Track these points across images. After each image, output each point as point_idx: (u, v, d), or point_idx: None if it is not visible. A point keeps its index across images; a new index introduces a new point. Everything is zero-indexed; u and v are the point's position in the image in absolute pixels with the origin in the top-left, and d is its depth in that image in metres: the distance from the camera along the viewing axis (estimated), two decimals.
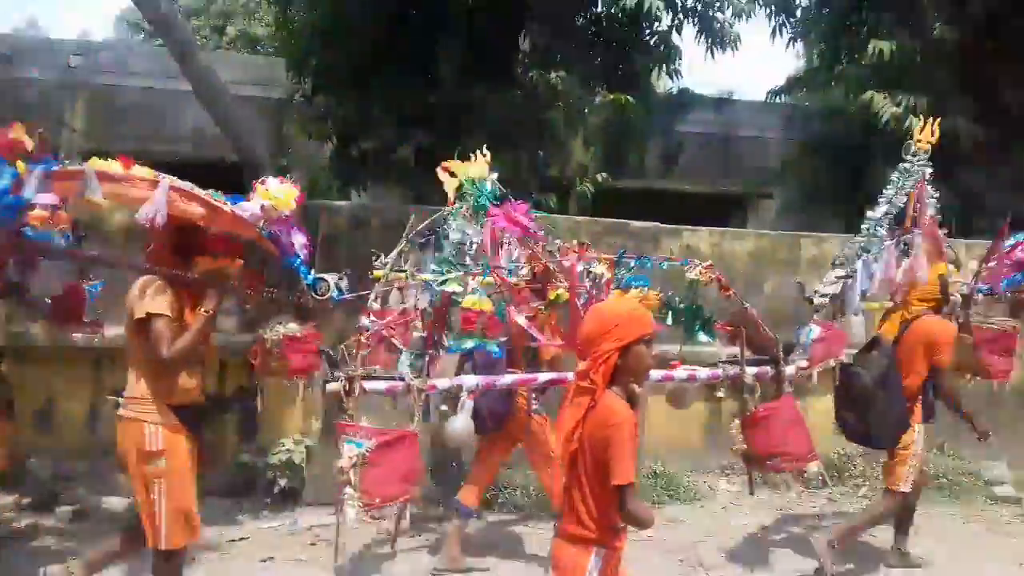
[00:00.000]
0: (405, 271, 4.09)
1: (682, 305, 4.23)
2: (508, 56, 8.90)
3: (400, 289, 4.08)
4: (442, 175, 4.17)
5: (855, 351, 4.58)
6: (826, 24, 11.49)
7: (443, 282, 3.91)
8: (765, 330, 4.34)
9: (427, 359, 4.04)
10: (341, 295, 3.78)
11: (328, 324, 4.55)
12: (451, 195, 4.16)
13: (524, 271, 4.27)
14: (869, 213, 4.56)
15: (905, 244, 4.47)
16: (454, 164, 4.18)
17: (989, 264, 4.53)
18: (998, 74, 10.02)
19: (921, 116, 9.66)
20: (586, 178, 9.42)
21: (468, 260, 4.04)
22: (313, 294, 3.69)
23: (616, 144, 9.90)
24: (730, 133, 14.37)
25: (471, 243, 4.05)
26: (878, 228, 4.50)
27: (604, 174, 9.52)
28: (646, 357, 2.52)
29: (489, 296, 4.00)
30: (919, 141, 4.63)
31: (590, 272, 4.10)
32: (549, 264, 4.23)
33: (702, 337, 4.27)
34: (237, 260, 3.51)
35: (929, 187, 4.63)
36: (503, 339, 4.06)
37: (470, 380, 4.02)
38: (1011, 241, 4.55)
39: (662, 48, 9.79)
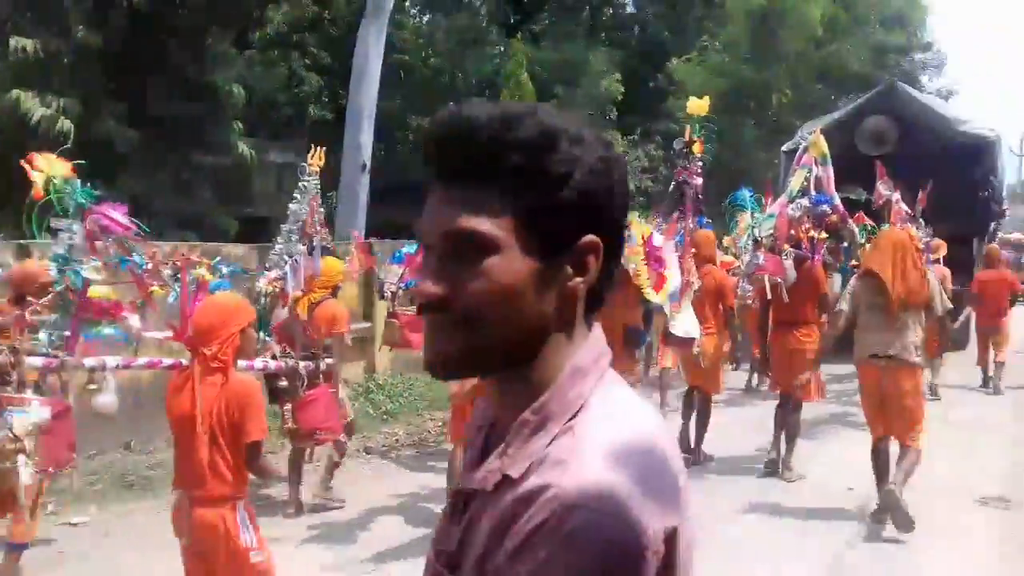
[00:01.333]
0: None
1: (257, 308, 4.71)
2: None
3: None
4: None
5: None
6: None
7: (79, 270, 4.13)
8: (310, 333, 5.31)
9: (68, 339, 4.19)
10: None
11: None
12: (39, 191, 4.16)
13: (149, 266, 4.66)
14: (283, 226, 5.54)
15: (312, 246, 5.54)
16: (40, 158, 4.19)
17: (411, 268, 6.01)
18: (146, 82, 10.71)
19: (73, 119, 9.81)
20: None
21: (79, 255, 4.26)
22: None
23: None
24: None
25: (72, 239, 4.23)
26: (291, 236, 5.44)
27: None
28: (254, 338, 3.21)
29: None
30: (311, 164, 5.52)
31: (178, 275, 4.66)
32: (161, 265, 4.68)
33: (263, 336, 5.05)
34: None
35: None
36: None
37: (111, 360, 4.40)
38: (414, 248, 5.96)
39: None
